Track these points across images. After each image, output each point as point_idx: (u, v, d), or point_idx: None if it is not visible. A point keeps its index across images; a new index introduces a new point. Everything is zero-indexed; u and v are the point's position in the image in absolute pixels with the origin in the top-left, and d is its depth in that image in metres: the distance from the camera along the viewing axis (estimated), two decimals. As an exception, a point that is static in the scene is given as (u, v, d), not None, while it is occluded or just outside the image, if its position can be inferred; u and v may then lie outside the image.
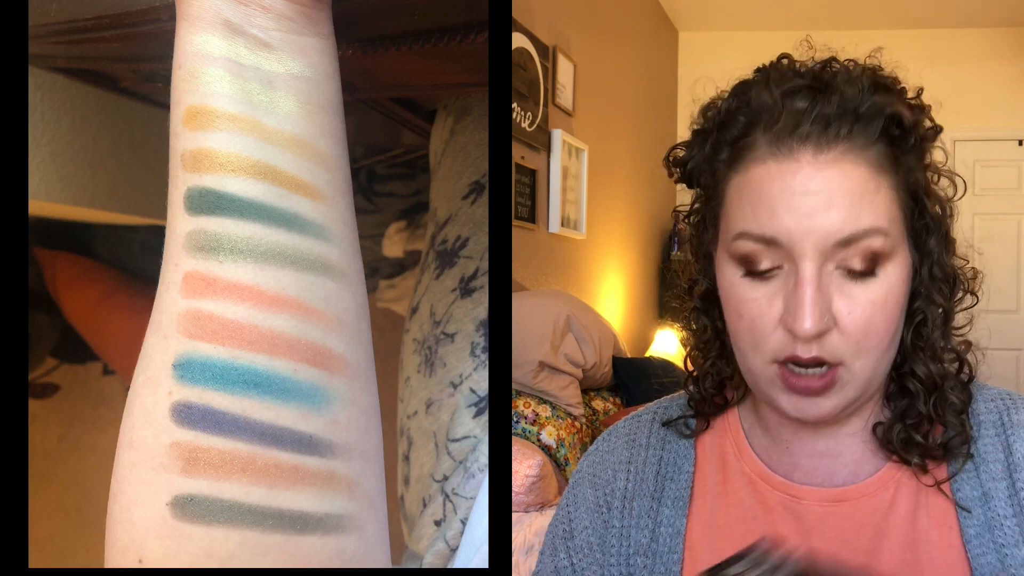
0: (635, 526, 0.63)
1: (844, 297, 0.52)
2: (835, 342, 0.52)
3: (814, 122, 0.52)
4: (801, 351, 0.52)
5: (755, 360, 0.55)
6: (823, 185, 0.51)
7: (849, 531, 0.58)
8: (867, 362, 0.53)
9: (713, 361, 0.63)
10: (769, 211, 0.52)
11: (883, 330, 0.53)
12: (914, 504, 0.57)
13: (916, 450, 0.57)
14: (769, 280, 0.53)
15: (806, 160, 0.52)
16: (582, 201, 2.73)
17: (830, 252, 0.51)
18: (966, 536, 0.56)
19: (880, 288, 0.52)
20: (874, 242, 0.52)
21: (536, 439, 1.91)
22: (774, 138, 0.53)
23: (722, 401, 0.64)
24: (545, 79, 2.41)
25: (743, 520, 0.60)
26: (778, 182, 0.52)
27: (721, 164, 0.56)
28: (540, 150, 2.43)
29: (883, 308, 0.52)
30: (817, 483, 0.59)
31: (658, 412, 0.68)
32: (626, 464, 0.65)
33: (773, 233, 0.52)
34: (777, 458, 0.61)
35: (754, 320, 0.54)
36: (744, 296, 0.54)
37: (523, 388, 2.00)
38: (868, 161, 0.52)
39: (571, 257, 2.71)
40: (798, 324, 0.51)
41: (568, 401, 2.02)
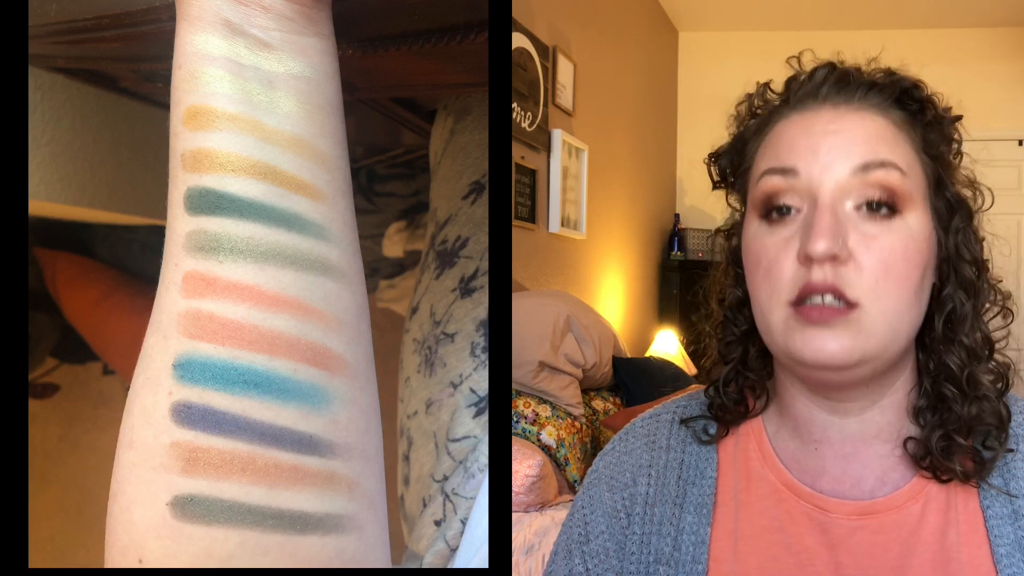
0: (656, 533, 0.61)
1: (863, 235, 0.52)
2: (851, 275, 0.51)
3: (833, 84, 0.55)
4: (816, 277, 0.51)
5: (772, 307, 0.54)
6: (841, 126, 0.53)
7: (877, 546, 0.56)
8: (886, 306, 0.51)
9: (735, 366, 0.62)
10: (789, 146, 0.54)
11: (903, 276, 0.52)
12: (944, 520, 0.56)
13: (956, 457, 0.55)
14: (788, 223, 0.54)
15: (826, 110, 0.55)
16: (582, 201, 2.73)
17: (847, 184, 0.52)
18: (996, 555, 0.54)
19: (900, 235, 0.52)
20: (891, 175, 0.52)
21: (536, 439, 1.90)
22: (796, 100, 0.56)
23: (744, 410, 0.63)
24: (545, 79, 2.41)
25: (768, 530, 0.58)
26: (799, 125, 0.55)
27: (750, 135, 0.59)
28: (540, 150, 2.43)
29: (903, 255, 0.52)
30: (844, 492, 0.57)
31: (677, 412, 0.66)
32: (647, 468, 0.63)
33: (792, 163, 0.53)
34: (804, 463, 0.59)
35: (771, 263, 0.54)
36: (764, 241, 0.55)
37: (523, 388, 2.00)
38: (886, 117, 0.54)
39: (571, 257, 2.71)
40: (811, 243, 0.51)
41: (568, 401, 2.02)
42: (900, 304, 0.52)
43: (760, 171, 0.56)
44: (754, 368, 0.61)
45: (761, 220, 0.55)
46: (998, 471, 0.56)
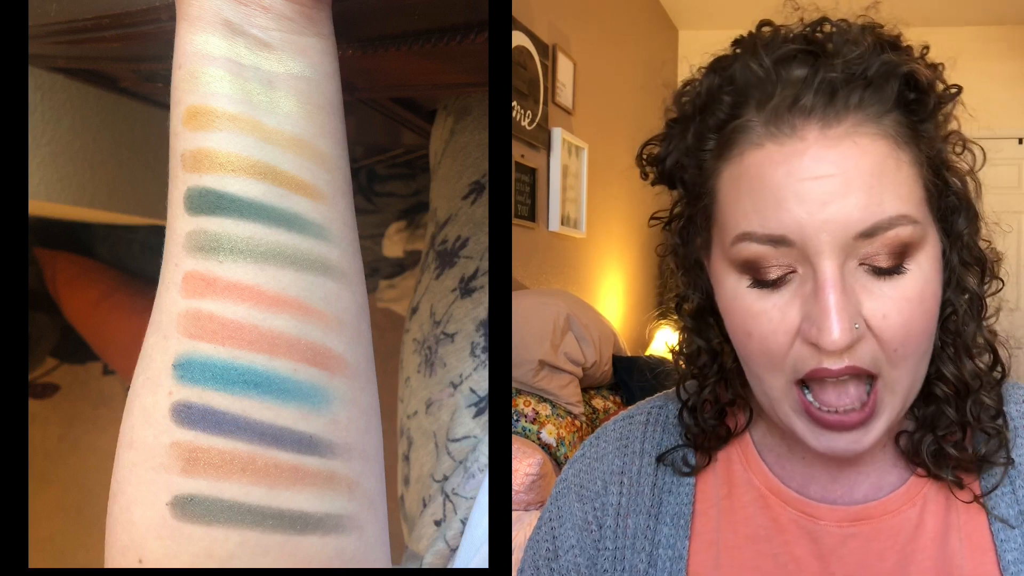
0: (630, 547, 0.56)
1: (874, 298, 0.44)
2: (870, 350, 0.45)
3: (817, 91, 0.44)
4: (829, 363, 0.45)
5: (772, 383, 0.47)
6: (836, 166, 0.43)
7: (871, 555, 0.51)
8: (906, 370, 0.46)
9: (712, 388, 0.55)
10: (775, 204, 0.44)
11: (922, 332, 0.45)
12: (944, 525, 0.51)
13: (949, 463, 0.50)
14: (781, 288, 0.46)
15: (812, 138, 0.44)
16: (582, 200, 2.73)
17: (851, 247, 0.44)
18: (1003, 562, 0.49)
19: (914, 284, 0.45)
20: (902, 232, 0.44)
21: (536, 438, 1.91)
22: (771, 116, 0.45)
23: (724, 432, 0.56)
24: (545, 78, 2.41)
25: (753, 540, 0.54)
26: (782, 167, 0.44)
27: (708, 155, 0.48)
28: (540, 149, 2.43)
29: (920, 306, 0.45)
30: (835, 498, 0.53)
31: (652, 413, 0.61)
32: (619, 475, 0.58)
33: (782, 230, 0.44)
34: (791, 468, 0.54)
35: (767, 337, 0.46)
36: (751, 309, 0.46)
37: (523, 387, 2.00)
38: (885, 133, 0.45)
39: (571, 256, 2.71)
40: (824, 336, 0.43)
41: (568, 400, 2.02)
42: (919, 359, 0.47)
43: (737, 229, 0.46)
44: (732, 382, 0.54)
45: (741, 276, 0.47)
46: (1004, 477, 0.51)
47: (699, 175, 0.49)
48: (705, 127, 0.48)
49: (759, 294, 0.46)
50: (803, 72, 0.45)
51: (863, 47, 0.45)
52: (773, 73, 0.45)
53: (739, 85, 0.46)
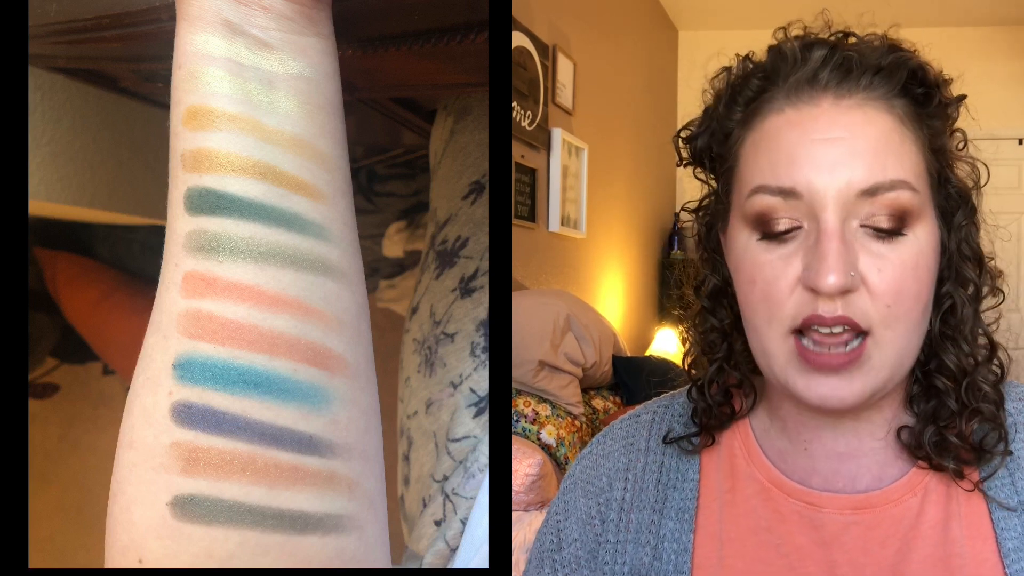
0: (633, 541, 0.57)
1: (872, 256, 0.48)
2: (863, 304, 0.48)
3: (834, 69, 0.49)
4: (824, 309, 0.47)
5: (770, 334, 0.50)
6: (846, 131, 0.48)
7: (873, 542, 0.53)
8: (897, 333, 0.48)
9: (720, 365, 0.58)
10: (788, 160, 0.49)
11: (914, 296, 0.48)
12: (945, 513, 0.52)
13: (951, 453, 0.52)
14: (787, 242, 0.49)
15: (826, 105, 0.49)
16: (582, 200, 2.73)
17: (854, 204, 0.48)
18: (1004, 549, 0.51)
19: (910, 250, 0.48)
20: (901, 196, 0.48)
21: (536, 438, 1.91)
22: (792, 88, 0.50)
23: (729, 411, 0.59)
24: (545, 78, 2.41)
25: (755, 532, 0.55)
26: (797, 128, 0.49)
27: (734, 125, 0.53)
28: (540, 149, 2.43)
29: (914, 271, 0.48)
30: (837, 488, 0.54)
31: (658, 412, 0.63)
32: (624, 472, 0.60)
33: (792, 183, 0.48)
34: (793, 462, 0.56)
35: (769, 284, 0.49)
36: (758, 259, 0.50)
37: (523, 387, 2.00)
38: (891, 111, 0.49)
39: (571, 256, 2.71)
40: (821, 278, 0.46)
41: (568, 400, 2.02)
42: (910, 328, 0.49)
43: (752, 184, 0.51)
44: (740, 364, 0.57)
45: (752, 232, 0.51)
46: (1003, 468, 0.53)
47: (725, 146, 0.54)
48: (735, 103, 0.53)
49: (767, 246, 0.50)
50: (823, 52, 0.50)
51: (880, 48, 0.51)
52: (799, 54, 0.51)
53: (769, 66, 0.52)
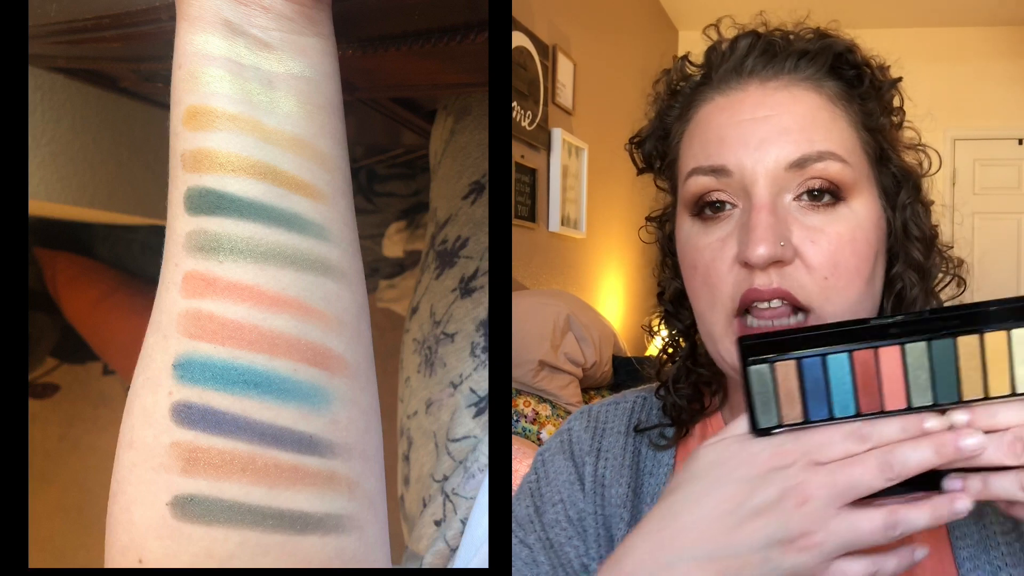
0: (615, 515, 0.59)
1: (806, 229, 0.48)
2: (800, 277, 0.48)
3: (759, 55, 0.51)
4: (760, 283, 0.47)
5: (713, 318, 0.50)
6: (772, 110, 0.49)
7: None
8: (839, 308, 0.48)
9: (683, 362, 0.59)
10: (718, 140, 0.50)
11: (854, 269, 0.48)
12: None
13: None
14: (722, 221, 0.50)
15: (752, 89, 0.51)
16: (582, 200, 2.73)
17: (784, 179, 0.48)
18: (959, 558, 0.51)
19: (847, 223, 0.48)
20: (831, 166, 0.48)
21: (536, 438, 1.91)
22: (721, 78, 0.52)
23: (699, 407, 0.60)
24: (545, 78, 2.41)
25: None
26: (726, 111, 0.51)
27: (673, 121, 0.55)
28: (540, 149, 2.43)
29: (851, 244, 0.48)
30: None
31: (637, 401, 0.64)
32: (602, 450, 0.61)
33: (723, 162, 0.49)
34: None
35: (708, 266, 0.50)
36: (698, 244, 0.51)
37: (523, 387, 2.00)
38: (820, 91, 0.50)
39: (571, 256, 2.71)
40: (750, 248, 0.47)
41: (568, 400, 2.02)
42: (852, 303, 0.49)
43: (688, 168, 0.52)
44: (705, 363, 0.58)
45: (693, 218, 0.52)
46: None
47: (667, 143, 0.56)
48: (673, 100, 0.56)
49: (704, 229, 0.51)
50: (748, 41, 0.52)
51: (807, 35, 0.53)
52: (728, 48, 0.53)
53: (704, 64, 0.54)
